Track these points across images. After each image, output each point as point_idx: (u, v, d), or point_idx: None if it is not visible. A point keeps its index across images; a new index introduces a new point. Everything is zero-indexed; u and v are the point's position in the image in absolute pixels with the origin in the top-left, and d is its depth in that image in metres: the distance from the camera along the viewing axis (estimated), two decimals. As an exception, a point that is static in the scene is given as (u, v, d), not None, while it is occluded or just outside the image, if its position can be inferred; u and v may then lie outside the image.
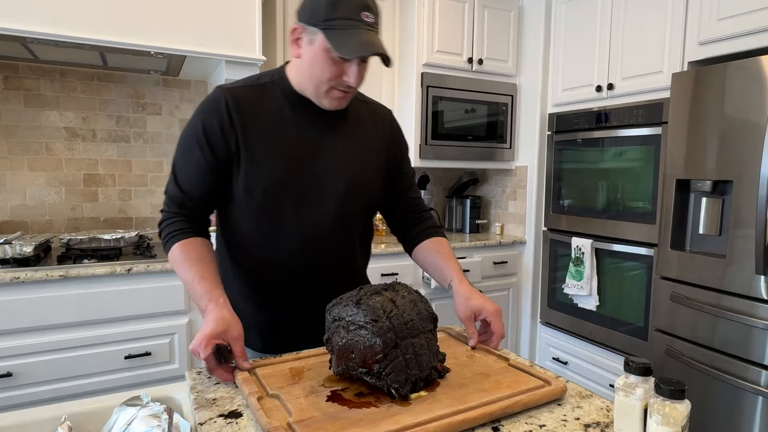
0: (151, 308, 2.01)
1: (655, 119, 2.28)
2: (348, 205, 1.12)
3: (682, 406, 0.65)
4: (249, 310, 1.12)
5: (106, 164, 2.46)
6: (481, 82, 2.88)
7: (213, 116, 1.04)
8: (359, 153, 1.14)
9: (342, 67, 1.02)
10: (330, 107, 1.08)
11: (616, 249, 2.50)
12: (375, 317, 0.80)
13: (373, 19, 0.99)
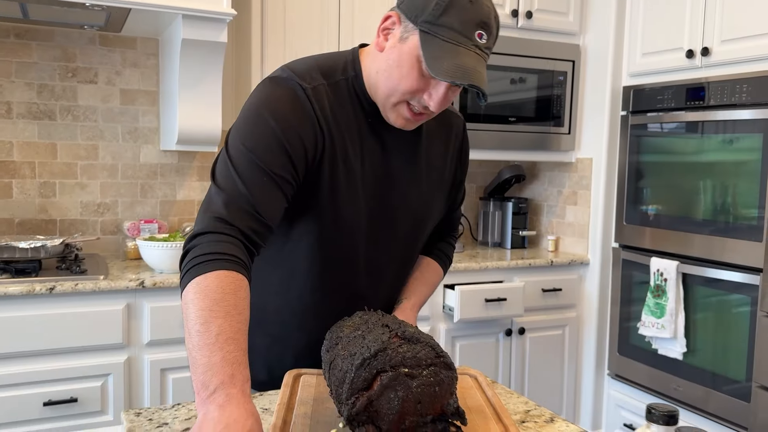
0: (79, 340, 2.18)
1: (763, 98, 2.39)
2: (410, 241, 1.31)
3: (704, 460, 0.79)
4: (286, 335, 1.29)
5: (23, 148, 2.66)
6: (529, 42, 3.02)
7: (299, 115, 1.12)
8: (427, 183, 1.30)
9: (428, 84, 1.11)
10: (396, 124, 1.18)
11: (710, 275, 2.60)
12: (441, 350, 0.94)
13: (486, 41, 1.09)
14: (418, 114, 1.16)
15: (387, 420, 0.88)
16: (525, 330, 2.96)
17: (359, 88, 1.19)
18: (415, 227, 1.30)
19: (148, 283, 2.25)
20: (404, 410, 0.88)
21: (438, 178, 1.32)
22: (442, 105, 1.12)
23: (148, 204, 2.86)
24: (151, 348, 2.30)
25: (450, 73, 1.05)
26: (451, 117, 1.37)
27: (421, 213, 1.30)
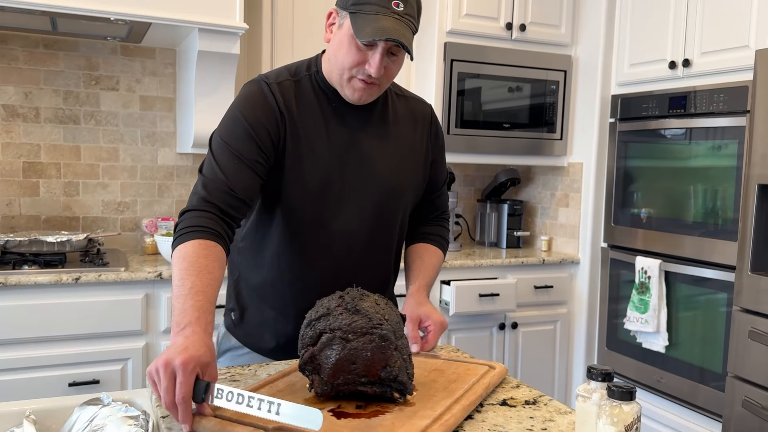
0: (101, 327, 2.36)
1: (739, 107, 2.54)
2: (383, 210, 1.45)
3: (629, 407, 0.93)
4: (270, 316, 1.46)
5: (49, 150, 2.85)
6: (523, 54, 3.18)
7: (264, 109, 1.33)
8: (398, 157, 1.46)
9: (365, 55, 1.30)
10: (352, 99, 1.36)
11: (691, 272, 2.75)
12: (378, 322, 1.07)
13: (404, 9, 1.28)
14: (369, 84, 1.34)
15: (326, 373, 1.08)
16: (518, 324, 3.11)
17: (321, 80, 1.40)
18: (386, 195, 1.43)
19: (165, 275, 2.42)
20: (338, 367, 1.07)
21: (409, 153, 1.48)
22: (380, 70, 1.30)
23: (164, 203, 3.04)
24: (168, 335, 2.46)
25: (371, 34, 1.25)
26: (419, 104, 1.56)
27: (391, 182, 1.44)
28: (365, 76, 1.32)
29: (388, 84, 1.40)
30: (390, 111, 1.48)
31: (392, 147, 1.46)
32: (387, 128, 1.46)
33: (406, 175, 1.48)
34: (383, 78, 1.34)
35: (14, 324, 2.25)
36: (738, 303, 2.41)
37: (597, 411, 0.97)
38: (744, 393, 2.36)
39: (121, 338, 2.40)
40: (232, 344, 1.54)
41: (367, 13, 1.27)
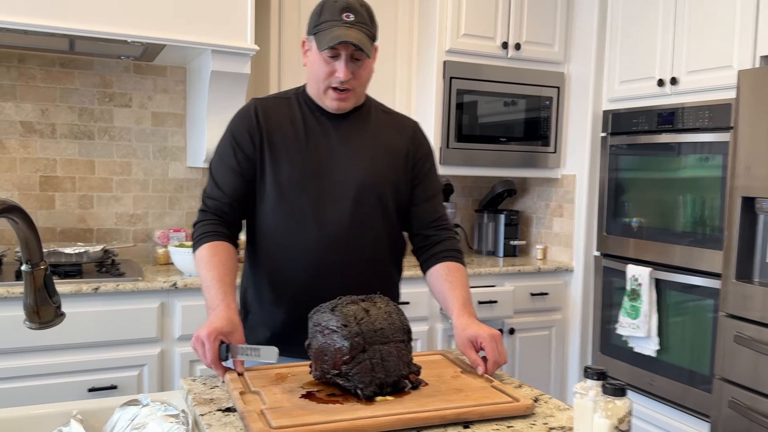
0: (118, 334, 2.45)
1: (723, 123, 2.67)
2: (362, 204, 1.58)
3: (621, 402, 1.03)
4: (268, 311, 1.61)
5: (65, 165, 2.95)
6: (518, 71, 3.30)
7: (243, 122, 1.61)
8: (375, 156, 1.62)
9: (333, 65, 1.52)
10: (332, 108, 1.58)
11: (679, 280, 2.86)
12: (345, 322, 1.21)
13: (354, 18, 1.51)
14: (342, 91, 1.55)
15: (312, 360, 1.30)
16: (515, 330, 3.22)
17: (306, 98, 1.64)
18: (364, 191, 1.59)
19: (180, 285, 2.52)
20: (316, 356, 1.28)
21: (387, 155, 1.64)
22: (348, 74, 1.52)
23: (175, 215, 3.14)
24: (182, 342, 2.57)
25: (329, 42, 1.48)
26: (404, 119, 1.75)
27: (369, 179, 1.60)
28: (338, 83, 1.53)
29: (361, 88, 1.61)
30: (372, 122, 1.67)
31: (371, 150, 1.63)
32: (367, 135, 1.64)
33: (384, 174, 1.63)
34: (354, 83, 1.55)
35: (37, 333, 2.34)
36: (724, 309, 2.53)
37: (593, 406, 1.08)
38: (730, 394, 2.47)
39: (137, 345, 2.50)
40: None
41: (324, 30, 1.51)
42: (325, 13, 1.53)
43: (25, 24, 2.30)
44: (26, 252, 0.86)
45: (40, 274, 0.87)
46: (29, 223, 0.85)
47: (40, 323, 0.89)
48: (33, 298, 0.88)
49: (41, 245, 0.89)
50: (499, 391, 1.27)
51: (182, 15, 2.49)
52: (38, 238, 0.86)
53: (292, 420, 1.10)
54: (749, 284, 2.44)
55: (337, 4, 1.52)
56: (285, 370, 1.37)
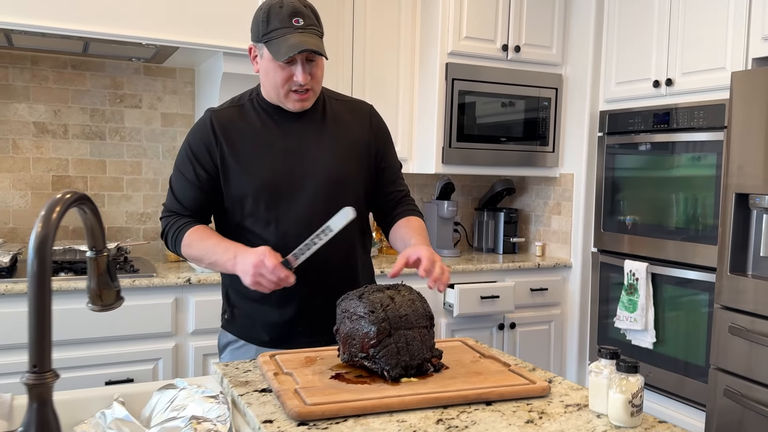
0: (134, 329, 2.51)
1: (717, 123, 2.76)
2: (332, 200, 1.60)
3: (634, 378, 1.12)
4: (254, 308, 1.65)
5: (77, 165, 3.00)
6: (517, 73, 3.39)
7: (199, 135, 1.62)
8: (338, 149, 1.64)
9: (290, 70, 1.54)
10: (295, 109, 1.60)
11: (675, 274, 2.96)
12: (372, 309, 1.29)
13: (304, 22, 1.52)
14: (303, 93, 1.57)
15: (340, 344, 1.36)
16: (515, 324, 3.30)
17: (261, 101, 1.65)
18: (332, 182, 1.62)
19: (193, 281, 2.59)
20: (345, 341, 1.34)
21: (349, 144, 1.67)
22: (306, 77, 1.54)
23: (184, 213, 3.20)
24: (195, 336, 2.63)
25: (286, 52, 1.49)
26: (358, 104, 1.78)
27: (335, 171, 1.63)
28: (297, 86, 1.55)
29: (319, 87, 1.63)
30: (328, 113, 1.69)
31: (332, 142, 1.66)
32: (326, 128, 1.67)
33: (350, 163, 1.66)
34: (312, 83, 1.57)
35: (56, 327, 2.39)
36: (719, 301, 2.63)
37: (607, 383, 1.16)
38: (725, 383, 2.56)
39: (152, 339, 2.56)
40: (229, 339, 1.74)
41: (276, 38, 1.51)
42: (273, 21, 1.52)
43: (43, 27, 2.36)
44: (91, 239, 0.93)
45: (103, 259, 0.94)
46: (96, 213, 0.92)
47: (102, 305, 0.96)
48: (96, 282, 0.94)
49: (105, 234, 0.96)
50: (516, 374, 1.35)
51: (195, 18, 2.56)
52: (102, 227, 0.93)
53: (325, 398, 1.17)
54: (743, 277, 2.54)
55: (284, 9, 1.52)
56: (313, 354, 1.44)
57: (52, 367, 0.81)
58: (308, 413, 1.12)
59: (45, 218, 0.80)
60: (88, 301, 0.96)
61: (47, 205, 0.82)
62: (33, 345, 0.79)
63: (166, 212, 1.68)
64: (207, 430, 1.14)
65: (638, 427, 1.12)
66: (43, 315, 0.78)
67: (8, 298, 2.34)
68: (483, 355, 1.48)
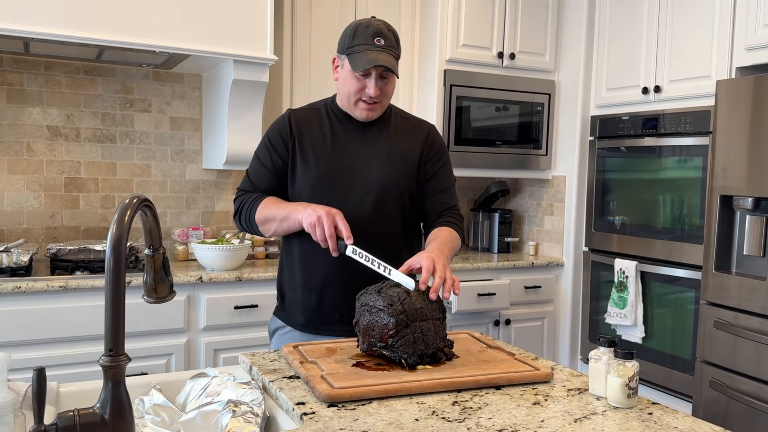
0: (148, 325, 2.61)
1: (703, 128, 2.90)
2: (382, 202, 1.78)
3: (630, 363, 1.23)
4: (300, 294, 1.81)
5: (89, 167, 3.09)
6: (512, 79, 3.51)
7: (278, 129, 1.84)
8: (392, 158, 1.81)
9: (364, 82, 1.73)
10: (361, 118, 1.79)
11: (663, 272, 3.10)
12: (390, 302, 1.42)
13: (384, 42, 1.70)
14: (371, 104, 1.75)
15: (360, 335, 1.47)
16: (511, 321, 3.43)
17: (335, 108, 1.85)
18: (383, 187, 1.78)
19: (205, 279, 2.69)
20: (364, 332, 1.45)
21: (402, 157, 1.83)
22: (377, 91, 1.72)
23: (191, 214, 3.30)
24: (206, 332, 2.73)
25: (364, 65, 1.68)
26: (421, 123, 1.95)
27: (385, 178, 1.79)
28: (367, 98, 1.73)
29: (387, 101, 1.82)
30: (391, 127, 1.87)
31: (388, 151, 1.83)
32: (385, 138, 1.84)
33: (399, 171, 1.82)
34: (381, 96, 1.75)
35: (74, 323, 2.49)
36: (704, 297, 2.76)
37: (606, 369, 1.28)
38: (711, 375, 2.70)
39: (165, 335, 2.66)
40: (277, 324, 1.90)
41: (358, 52, 1.70)
42: (358, 37, 1.71)
43: (61, 35, 2.45)
44: (149, 239, 1.03)
45: (160, 257, 1.04)
46: (155, 216, 1.02)
47: (157, 298, 1.06)
48: (152, 277, 1.05)
49: (161, 234, 1.06)
50: (521, 362, 1.47)
51: (207, 27, 2.66)
52: (159, 227, 1.03)
53: (351, 382, 1.29)
54: (727, 275, 2.67)
55: (369, 29, 1.71)
56: (333, 345, 1.55)
57: (124, 351, 0.92)
58: (337, 395, 1.23)
59: (119, 220, 0.90)
60: (143, 293, 1.07)
61: (120, 209, 0.92)
62: (109, 331, 0.89)
63: (240, 192, 1.85)
64: (244, 412, 1.25)
65: (634, 408, 1.25)
66: (118, 305, 0.89)
67: (28, 295, 2.43)
68: (489, 346, 1.60)
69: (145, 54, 2.72)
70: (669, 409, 1.26)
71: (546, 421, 1.16)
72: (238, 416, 1.21)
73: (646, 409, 1.24)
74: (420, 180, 1.86)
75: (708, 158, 2.83)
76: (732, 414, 2.61)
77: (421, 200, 1.89)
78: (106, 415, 0.92)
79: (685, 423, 1.18)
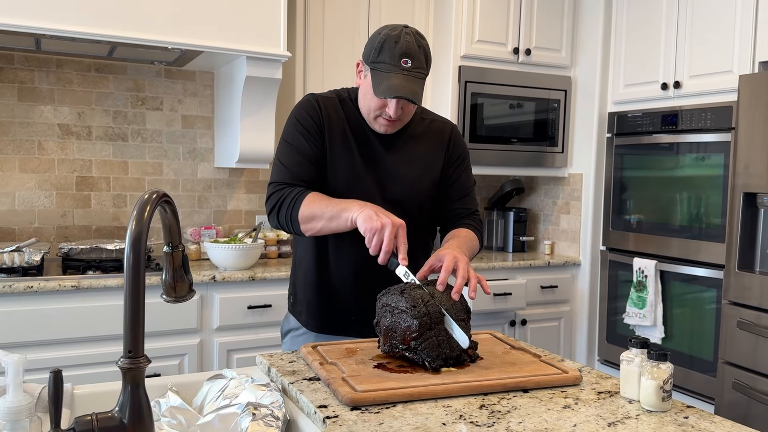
0: (161, 325, 2.58)
1: (724, 124, 2.84)
2: (402, 209, 1.69)
3: (664, 365, 1.19)
4: (315, 293, 1.75)
5: (100, 165, 3.07)
6: (528, 75, 3.47)
7: (308, 113, 1.68)
8: (412, 162, 1.75)
9: (385, 102, 1.60)
10: (380, 131, 1.69)
11: (683, 271, 3.04)
12: (414, 304, 1.37)
13: (411, 64, 1.56)
14: (390, 121, 1.64)
15: (381, 336, 1.42)
16: (527, 321, 3.38)
17: (357, 106, 1.71)
18: (402, 194, 1.71)
19: (218, 278, 2.66)
20: (386, 333, 1.40)
21: (422, 163, 1.76)
22: (397, 112, 1.61)
23: (203, 213, 3.27)
24: (220, 332, 2.70)
25: (383, 92, 1.56)
26: (441, 124, 1.84)
27: (406, 179, 1.71)
28: (387, 117, 1.62)
29: (408, 118, 1.69)
30: (413, 129, 1.77)
31: (409, 154, 1.74)
32: (407, 141, 1.75)
33: (419, 175, 1.75)
34: (402, 116, 1.64)
35: (86, 323, 2.47)
36: (727, 297, 2.70)
37: (638, 371, 1.24)
38: (734, 376, 2.64)
39: (178, 335, 2.63)
40: (291, 325, 1.84)
41: (381, 71, 1.57)
42: (384, 53, 1.57)
43: (73, 32, 2.42)
44: (168, 236, 1.00)
45: (179, 255, 1.01)
46: (174, 212, 0.98)
47: (176, 297, 1.03)
48: (171, 276, 1.01)
49: (181, 231, 1.03)
50: (548, 364, 1.42)
51: (220, 23, 2.63)
52: (179, 224, 1.00)
53: (373, 385, 1.25)
54: (750, 274, 2.62)
55: (398, 47, 1.56)
56: (353, 345, 1.51)
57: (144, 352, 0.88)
58: (361, 399, 1.19)
59: (138, 217, 0.87)
60: (162, 293, 1.03)
61: (138, 205, 0.89)
62: (128, 332, 0.86)
63: (278, 186, 1.65)
64: (264, 415, 1.21)
65: (669, 411, 1.20)
66: (138, 305, 0.85)
67: (40, 295, 2.41)
68: (513, 347, 1.56)
69: (156, 51, 2.69)
70: (705, 413, 1.21)
71: (579, 425, 1.12)
72: (258, 419, 1.17)
73: (681, 413, 1.20)
74: (441, 185, 1.80)
75: (729, 155, 2.77)
76: (754, 416, 2.55)
77: (440, 205, 1.83)
78: (126, 420, 0.88)
79: (723, 428, 1.14)
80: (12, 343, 2.36)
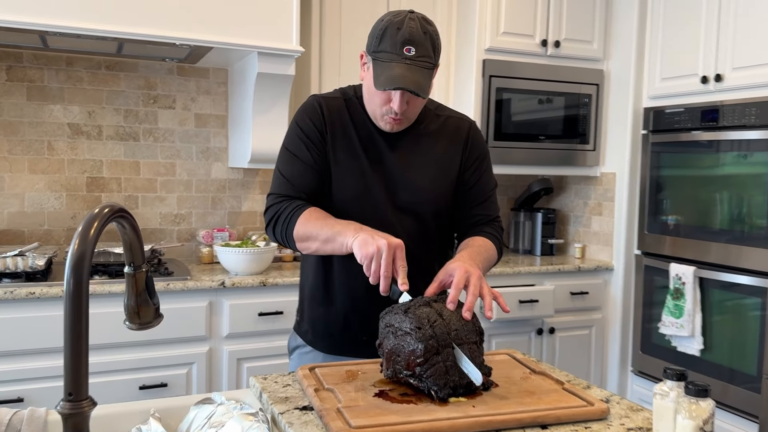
0: (168, 333, 2.49)
1: (771, 120, 2.64)
2: (414, 215, 1.59)
3: (705, 403, 1.04)
4: (322, 313, 1.64)
5: (111, 166, 2.99)
6: (557, 68, 3.29)
7: (310, 118, 1.58)
8: (428, 166, 1.61)
9: (389, 95, 1.47)
10: (386, 129, 1.56)
11: (724, 278, 2.84)
12: (419, 325, 1.21)
13: (415, 52, 1.43)
14: (397, 119, 1.52)
15: (384, 360, 1.30)
16: (555, 329, 3.21)
17: (363, 105, 1.60)
18: (415, 194, 1.59)
19: (228, 284, 2.56)
20: (388, 357, 1.28)
21: (440, 163, 1.62)
22: (402, 107, 1.48)
23: (217, 215, 3.18)
24: (229, 340, 2.60)
25: (383, 84, 1.43)
26: (460, 121, 1.70)
27: (419, 184, 1.59)
28: (392, 113, 1.50)
29: (415, 115, 1.57)
30: (428, 128, 1.63)
31: (424, 157, 1.61)
32: (421, 142, 1.61)
33: (436, 181, 1.61)
34: (408, 112, 1.52)
35: (91, 330, 2.38)
36: (773, 308, 2.51)
37: (674, 407, 1.08)
38: (780, 394, 2.45)
39: (186, 343, 2.54)
40: (298, 343, 1.73)
41: (382, 61, 1.45)
42: (386, 41, 1.45)
43: (77, 28, 2.34)
44: (129, 255, 0.88)
45: (142, 276, 0.89)
46: (134, 228, 0.87)
47: (140, 324, 0.91)
48: (134, 300, 0.90)
49: (144, 249, 0.91)
50: (571, 393, 1.27)
51: (230, 18, 2.52)
52: (141, 241, 0.88)
53: (371, 420, 1.12)
54: (800, 283, 2.42)
55: (400, 34, 1.44)
56: (355, 368, 1.38)
57: (89, 394, 0.76)
58: (354, 436, 1.06)
59: (82, 235, 0.75)
60: (125, 319, 0.92)
61: (85, 221, 0.77)
62: (69, 371, 0.74)
63: (276, 198, 1.56)
64: (248, 450, 1.09)
65: (709, 456, 1.04)
66: (80, 340, 0.74)
67: (44, 301, 2.34)
68: (533, 371, 1.41)
69: (166, 47, 2.60)
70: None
71: (603, 473, 0.97)
72: (240, 456, 1.06)
73: (724, 458, 1.04)
74: (458, 189, 1.65)
75: (777, 153, 2.57)
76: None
77: (458, 210, 1.68)
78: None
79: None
80: (13, 352, 2.30)
